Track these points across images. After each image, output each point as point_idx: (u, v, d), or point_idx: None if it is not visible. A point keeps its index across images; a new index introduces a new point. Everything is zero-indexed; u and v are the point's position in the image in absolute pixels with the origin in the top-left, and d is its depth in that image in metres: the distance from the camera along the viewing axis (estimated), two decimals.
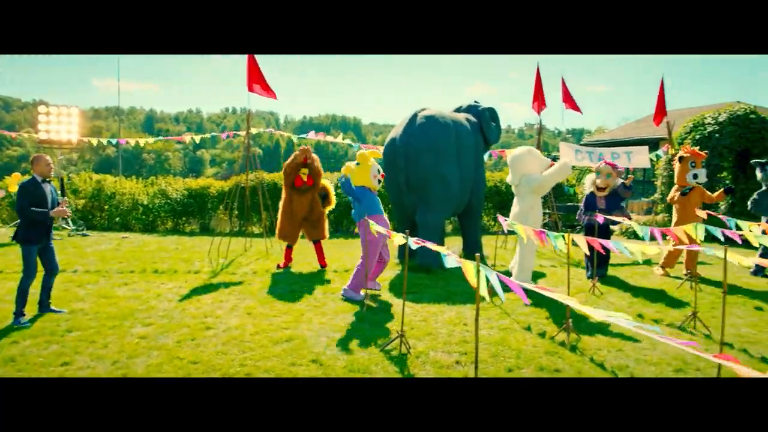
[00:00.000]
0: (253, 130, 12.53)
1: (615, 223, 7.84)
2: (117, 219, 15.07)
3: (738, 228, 6.45)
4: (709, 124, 13.74)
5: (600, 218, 7.28)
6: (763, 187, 8.50)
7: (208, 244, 10.53)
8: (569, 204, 15.01)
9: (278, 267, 8.93)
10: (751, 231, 6.41)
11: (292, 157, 8.80)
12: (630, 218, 7.78)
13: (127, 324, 5.61)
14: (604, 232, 7.76)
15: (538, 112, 12.19)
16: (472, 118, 9.95)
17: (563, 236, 4.92)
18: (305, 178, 8.53)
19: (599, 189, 7.93)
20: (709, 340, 5.28)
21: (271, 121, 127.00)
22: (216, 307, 6.35)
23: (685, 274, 7.94)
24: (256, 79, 10.13)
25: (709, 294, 7.15)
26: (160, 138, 13.63)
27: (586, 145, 22.47)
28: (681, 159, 8.31)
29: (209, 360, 4.61)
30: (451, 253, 3.95)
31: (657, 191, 14.60)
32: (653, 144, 17.59)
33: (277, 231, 8.94)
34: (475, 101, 10.63)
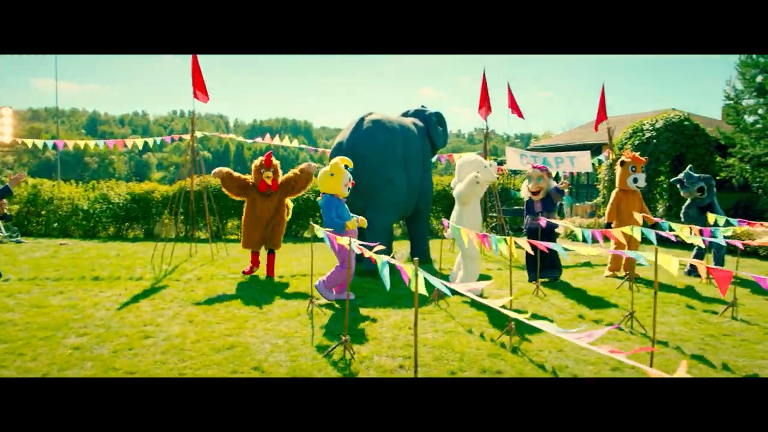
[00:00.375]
0: (200, 134, 12.28)
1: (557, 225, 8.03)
2: (55, 225, 14.49)
3: (671, 230, 6.72)
4: (647, 130, 14.27)
5: (543, 221, 7.44)
6: (688, 200, 8.87)
7: (152, 250, 10.23)
8: (515, 208, 15.33)
9: (244, 273, 8.73)
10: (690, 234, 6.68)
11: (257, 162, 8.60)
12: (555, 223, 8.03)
13: (60, 335, 5.37)
14: (549, 235, 7.94)
15: (485, 118, 12.40)
16: (420, 123, 10.03)
17: (505, 240, 5.00)
18: (269, 182, 8.35)
19: (533, 193, 8.09)
20: (646, 338, 5.46)
21: (221, 125, 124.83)
22: (157, 315, 6.16)
23: (625, 275, 8.21)
24: (198, 81, 9.93)
25: (646, 294, 7.41)
26: (100, 142, 12.96)
27: (533, 149, 23.01)
28: (622, 163, 8.59)
29: (146, 370, 4.46)
30: (397, 257, 3.95)
31: (599, 195, 15.06)
32: (596, 149, 18.13)
33: (242, 240, 8.70)
34: (423, 106, 10.73)
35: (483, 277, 8.25)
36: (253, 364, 4.60)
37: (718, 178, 15.06)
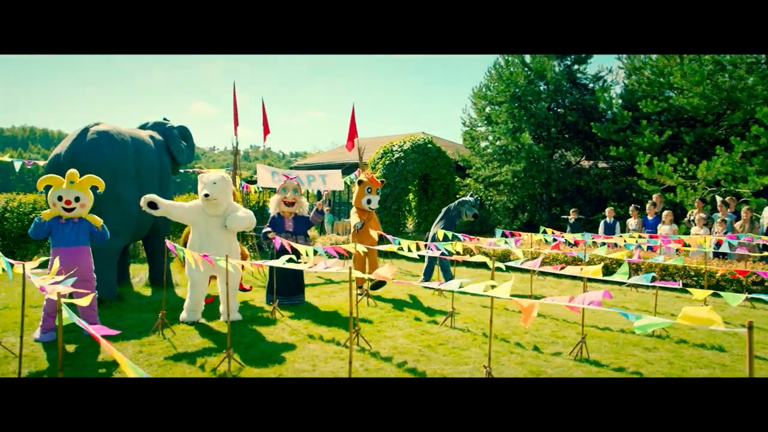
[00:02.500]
0: None
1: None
2: None
3: (400, 245, 6.99)
4: (396, 151, 15.20)
5: (277, 242, 7.09)
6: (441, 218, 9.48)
7: None
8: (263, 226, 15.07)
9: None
10: (410, 249, 6.99)
11: None
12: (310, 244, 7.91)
13: None
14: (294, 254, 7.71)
15: (236, 133, 11.94)
16: (158, 136, 9.20)
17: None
18: None
19: (288, 205, 7.78)
20: (365, 353, 5.47)
21: None
22: None
23: (360, 292, 8.31)
24: None
25: (381, 309, 7.60)
26: None
27: (295, 168, 23.18)
28: (360, 183, 8.79)
29: None
30: (134, 282, 3.29)
31: None
32: (352, 167, 18.85)
33: None
34: (165, 118, 9.91)
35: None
36: None
37: (458, 196, 16.68)
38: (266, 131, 12.19)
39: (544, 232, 10.34)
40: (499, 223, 16.81)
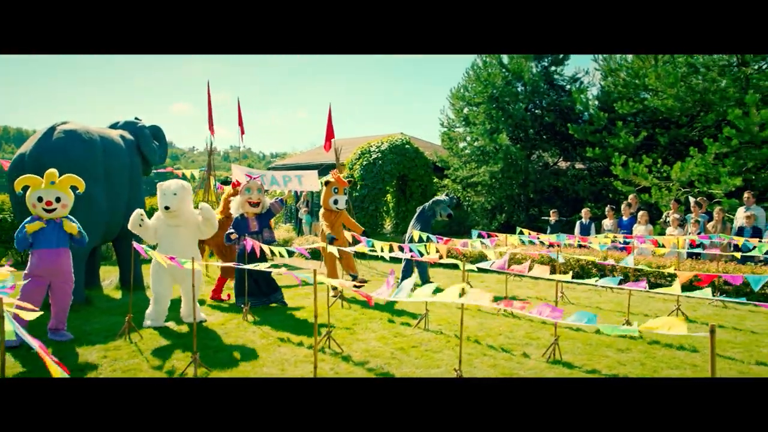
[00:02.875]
0: None
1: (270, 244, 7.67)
2: None
3: (373, 246, 6.92)
4: (374, 151, 15.12)
5: (248, 244, 6.96)
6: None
7: None
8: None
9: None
10: (383, 250, 6.92)
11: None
12: (274, 238, 7.80)
13: None
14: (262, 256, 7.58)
15: (213, 133, 11.80)
16: (129, 136, 9.02)
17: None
18: None
19: (253, 206, 7.63)
20: (337, 357, 5.39)
21: None
22: None
23: (333, 295, 8.21)
24: None
25: (355, 311, 7.51)
26: None
27: (273, 168, 23.01)
28: (326, 183, 8.68)
29: None
30: (105, 284, 3.20)
31: None
32: (330, 168, 18.75)
33: None
34: (136, 118, 9.73)
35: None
36: None
37: (435, 197, 16.66)
38: (242, 131, 12.04)
39: (521, 233, 10.35)
40: (477, 224, 16.82)
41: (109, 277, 9.61)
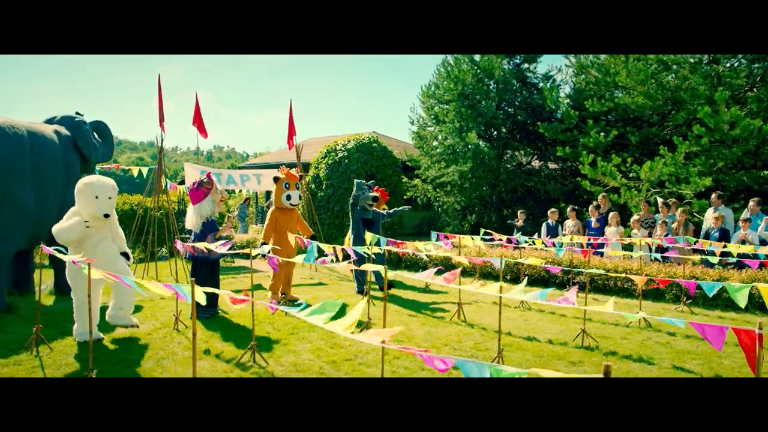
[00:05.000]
0: None
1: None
2: None
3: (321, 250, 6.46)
4: (340, 150, 14.62)
5: (189, 247, 6.43)
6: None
7: None
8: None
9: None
10: (335, 256, 6.46)
11: None
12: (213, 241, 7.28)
13: None
14: (213, 267, 7.08)
15: (163, 129, 11.19)
16: (65, 131, 8.44)
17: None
18: None
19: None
20: (263, 371, 4.91)
21: None
22: None
23: (282, 299, 7.77)
24: None
25: (294, 319, 7.02)
26: None
27: (242, 167, 22.42)
28: (276, 180, 8.17)
29: None
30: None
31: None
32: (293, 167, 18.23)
33: None
34: (78, 112, 9.13)
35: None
36: None
37: (405, 197, 16.19)
38: (203, 133, 11.43)
39: (486, 233, 9.92)
40: (447, 225, 16.39)
41: (46, 282, 9.01)
